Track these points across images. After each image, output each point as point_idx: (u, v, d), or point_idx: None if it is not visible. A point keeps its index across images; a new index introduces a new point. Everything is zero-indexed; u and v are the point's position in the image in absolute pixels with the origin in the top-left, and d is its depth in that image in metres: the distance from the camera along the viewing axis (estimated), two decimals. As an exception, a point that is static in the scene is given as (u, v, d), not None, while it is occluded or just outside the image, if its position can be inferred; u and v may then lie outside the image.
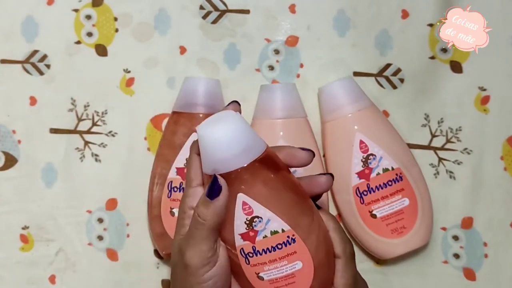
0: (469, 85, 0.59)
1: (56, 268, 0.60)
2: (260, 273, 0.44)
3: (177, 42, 0.60)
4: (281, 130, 0.55)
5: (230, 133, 0.41)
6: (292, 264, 0.44)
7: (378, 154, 0.54)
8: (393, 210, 0.54)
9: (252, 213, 0.43)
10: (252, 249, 0.43)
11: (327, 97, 0.56)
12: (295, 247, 0.44)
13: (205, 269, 0.43)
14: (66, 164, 0.60)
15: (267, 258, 0.44)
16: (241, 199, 0.42)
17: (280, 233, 0.43)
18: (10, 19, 0.60)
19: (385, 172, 0.54)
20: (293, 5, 0.60)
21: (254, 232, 0.43)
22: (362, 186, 0.54)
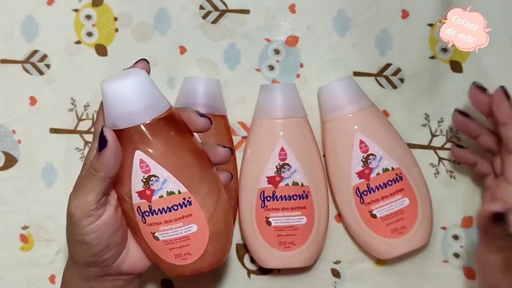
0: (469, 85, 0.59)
1: (56, 268, 0.60)
2: (156, 233, 0.45)
3: (177, 42, 0.60)
4: (281, 130, 0.55)
5: (132, 89, 0.42)
6: (187, 227, 0.45)
7: (378, 154, 0.54)
8: (393, 210, 0.54)
9: (149, 171, 0.43)
10: (148, 208, 0.44)
11: (327, 97, 0.56)
12: (191, 210, 0.44)
13: (88, 221, 0.44)
14: (66, 164, 0.60)
15: (162, 218, 0.44)
16: (139, 157, 0.43)
17: (177, 194, 0.44)
18: (10, 19, 0.60)
19: (385, 172, 0.54)
20: (293, 5, 0.60)
21: (150, 191, 0.44)
22: (362, 186, 0.54)
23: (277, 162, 0.54)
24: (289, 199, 0.54)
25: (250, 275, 0.60)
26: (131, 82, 0.42)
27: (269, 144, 0.54)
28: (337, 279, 0.60)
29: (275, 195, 0.54)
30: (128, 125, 0.42)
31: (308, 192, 0.54)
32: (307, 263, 0.56)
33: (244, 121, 0.60)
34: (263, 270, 0.60)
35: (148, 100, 0.42)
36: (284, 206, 0.54)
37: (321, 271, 0.60)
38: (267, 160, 0.54)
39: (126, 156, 0.43)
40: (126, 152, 0.43)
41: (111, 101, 0.42)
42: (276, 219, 0.54)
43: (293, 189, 0.54)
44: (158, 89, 0.44)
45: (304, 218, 0.54)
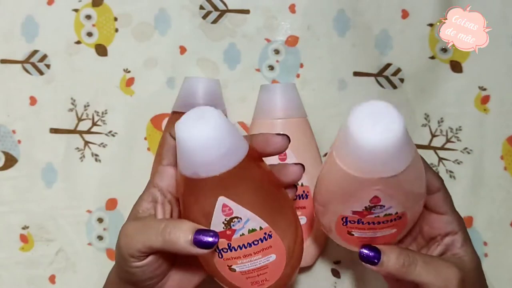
0: (469, 85, 0.59)
1: (56, 268, 0.60)
2: (233, 265, 0.44)
3: (177, 42, 0.60)
4: (281, 130, 0.54)
5: (214, 134, 0.38)
6: (266, 257, 0.44)
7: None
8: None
9: (231, 214, 0.42)
10: (227, 245, 0.43)
11: None
12: (271, 242, 0.43)
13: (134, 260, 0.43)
14: (66, 164, 0.60)
15: (241, 253, 0.43)
16: (222, 202, 0.41)
17: (258, 230, 0.43)
18: (10, 19, 0.60)
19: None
20: (293, 5, 0.60)
21: (231, 231, 0.43)
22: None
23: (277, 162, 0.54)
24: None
25: (250, 275, 0.60)
26: (211, 127, 0.38)
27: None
28: (337, 279, 0.60)
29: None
30: (212, 174, 0.39)
31: (308, 192, 0.54)
32: (307, 263, 0.56)
33: (244, 121, 0.60)
34: (263, 270, 0.59)
35: (229, 145, 0.39)
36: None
37: (321, 271, 0.60)
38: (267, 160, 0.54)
39: (207, 201, 0.41)
40: (207, 198, 0.41)
41: (191, 147, 0.38)
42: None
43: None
44: (236, 130, 0.41)
45: (304, 218, 0.54)
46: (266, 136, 0.43)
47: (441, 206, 0.46)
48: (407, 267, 0.44)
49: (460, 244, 0.45)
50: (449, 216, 0.46)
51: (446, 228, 0.46)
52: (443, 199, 0.46)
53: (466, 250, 0.45)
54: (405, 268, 0.44)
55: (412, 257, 0.44)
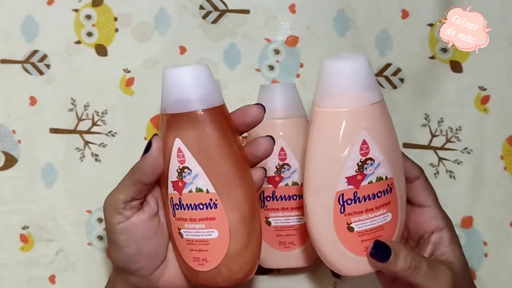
0: (469, 85, 0.59)
1: (56, 268, 0.60)
2: (181, 229, 0.45)
3: (177, 42, 0.60)
4: (281, 130, 0.54)
5: (190, 77, 0.43)
6: (208, 230, 0.44)
7: (377, 160, 0.44)
8: (373, 225, 0.45)
9: (184, 162, 0.43)
10: (178, 200, 0.44)
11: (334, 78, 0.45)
12: (215, 213, 0.43)
13: (117, 219, 0.44)
14: (66, 164, 0.60)
15: (188, 215, 0.44)
16: (177, 145, 0.43)
17: (204, 192, 0.43)
18: (10, 19, 0.60)
19: (378, 181, 0.44)
20: (293, 5, 0.60)
21: (182, 183, 0.43)
22: (348, 194, 0.45)
23: (276, 162, 0.54)
24: (288, 199, 0.54)
25: (250, 275, 0.60)
26: (190, 71, 0.43)
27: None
28: (337, 279, 0.60)
29: (275, 195, 0.54)
30: (175, 111, 0.43)
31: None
32: (307, 263, 0.56)
33: (244, 121, 0.60)
34: (263, 270, 0.60)
35: (202, 92, 0.43)
36: (284, 206, 0.54)
37: (321, 271, 0.60)
38: (267, 160, 0.54)
39: (169, 143, 0.44)
40: (169, 139, 0.44)
41: (167, 85, 0.44)
42: (276, 219, 0.54)
43: (293, 189, 0.54)
44: (215, 85, 0.44)
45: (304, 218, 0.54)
46: (243, 108, 0.45)
47: (423, 196, 0.45)
48: (412, 269, 0.44)
49: (448, 242, 0.45)
50: (433, 209, 0.46)
51: (431, 222, 0.45)
52: (424, 188, 0.45)
53: (454, 250, 0.45)
54: (411, 270, 0.44)
55: (418, 260, 0.44)
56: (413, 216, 0.47)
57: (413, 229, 0.47)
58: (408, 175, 0.45)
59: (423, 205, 0.46)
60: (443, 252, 0.45)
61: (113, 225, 0.44)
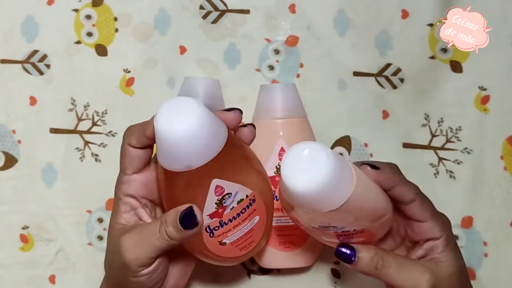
0: (469, 85, 0.59)
1: (56, 268, 0.60)
2: (223, 240, 0.45)
3: (177, 42, 0.60)
4: (281, 130, 0.55)
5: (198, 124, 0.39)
6: (252, 221, 0.46)
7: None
8: None
9: (223, 192, 0.43)
10: (219, 223, 0.44)
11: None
12: (255, 206, 0.45)
13: (143, 268, 0.43)
14: (66, 164, 0.60)
15: (231, 225, 0.45)
16: (215, 184, 0.42)
17: (245, 199, 0.44)
18: (10, 19, 0.60)
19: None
20: (293, 5, 0.60)
21: (223, 208, 0.44)
22: None
23: (277, 162, 0.54)
24: (289, 199, 0.54)
25: (250, 275, 0.60)
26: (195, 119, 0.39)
27: (269, 144, 0.54)
28: (337, 279, 0.60)
29: (275, 195, 0.54)
30: (203, 163, 0.40)
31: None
32: (307, 263, 0.56)
33: (244, 121, 0.60)
34: (263, 270, 0.60)
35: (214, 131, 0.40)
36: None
37: (321, 271, 0.60)
38: (267, 160, 0.54)
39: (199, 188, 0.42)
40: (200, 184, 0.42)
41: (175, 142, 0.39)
42: (276, 219, 0.54)
43: (293, 189, 0.54)
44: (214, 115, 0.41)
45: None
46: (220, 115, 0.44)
47: (419, 214, 0.46)
48: (380, 269, 0.45)
49: (441, 249, 0.45)
50: (429, 223, 0.46)
51: (427, 234, 0.46)
52: (419, 208, 0.46)
53: (446, 256, 0.45)
54: (378, 270, 0.45)
55: (386, 259, 0.45)
56: (410, 226, 0.47)
57: (410, 235, 0.47)
58: (404, 199, 0.46)
59: (420, 220, 0.46)
60: (434, 257, 0.46)
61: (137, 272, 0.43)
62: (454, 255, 0.46)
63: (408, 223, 0.47)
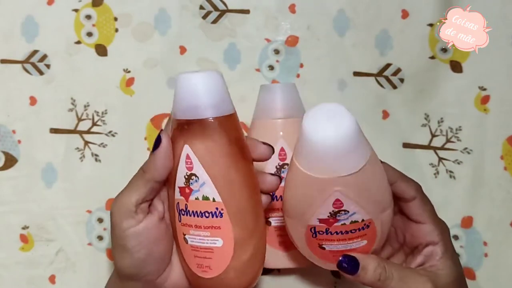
0: (469, 85, 0.60)
1: (56, 268, 0.60)
2: (186, 235, 0.45)
3: (177, 42, 0.60)
4: (281, 130, 0.54)
5: (202, 85, 0.42)
6: (213, 239, 0.44)
7: (351, 210, 0.43)
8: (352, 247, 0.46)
9: (191, 169, 0.43)
10: (184, 206, 0.44)
11: None
12: (220, 223, 0.43)
13: (128, 223, 0.43)
14: (66, 164, 0.60)
15: (193, 222, 0.44)
16: (186, 152, 0.43)
17: (210, 201, 0.43)
18: (10, 19, 0.60)
19: (353, 223, 0.44)
20: (293, 5, 0.60)
21: (189, 189, 0.43)
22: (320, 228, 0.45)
23: (277, 162, 0.54)
24: (289, 199, 0.54)
25: (250, 275, 0.60)
26: (204, 78, 0.42)
27: (269, 144, 0.54)
28: (337, 279, 0.60)
29: (275, 195, 0.54)
30: (185, 117, 0.42)
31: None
32: (307, 263, 0.56)
33: (244, 121, 0.60)
34: (263, 270, 0.59)
35: (213, 99, 0.42)
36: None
37: (321, 271, 0.59)
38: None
39: (178, 149, 0.43)
40: (178, 145, 0.43)
41: (180, 91, 0.42)
42: (276, 219, 0.54)
43: (293, 189, 0.54)
44: (227, 92, 0.43)
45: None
46: (254, 142, 0.44)
47: (418, 214, 0.46)
48: (382, 281, 0.44)
49: (439, 256, 0.45)
50: (428, 226, 0.46)
51: (425, 237, 0.46)
52: (419, 207, 0.46)
53: (445, 263, 0.45)
54: (381, 282, 0.44)
55: (388, 271, 0.45)
56: (409, 229, 0.47)
57: (409, 240, 0.48)
58: (404, 196, 0.46)
59: (419, 222, 0.46)
60: (432, 264, 0.46)
61: (124, 230, 0.43)
62: (452, 262, 0.46)
63: (407, 227, 0.47)
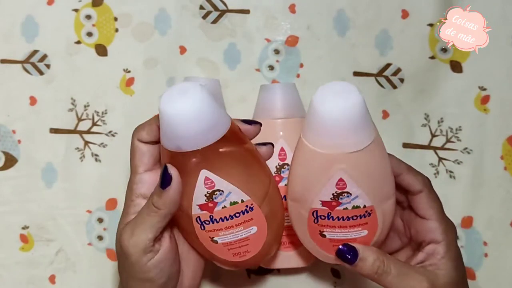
0: (469, 85, 0.60)
1: (56, 268, 0.60)
2: (215, 237, 0.45)
3: (177, 42, 0.60)
4: (281, 130, 0.55)
5: (196, 109, 0.40)
6: (248, 229, 0.45)
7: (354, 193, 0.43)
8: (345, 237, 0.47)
9: (213, 187, 0.43)
10: (209, 217, 0.44)
11: None
12: (252, 215, 0.45)
13: (147, 257, 0.43)
14: (66, 164, 0.60)
15: (223, 225, 0.45)
16: (204, 175, 0.42)
17: (240, 203, 0.44)
18: (10, 19, 0.60)
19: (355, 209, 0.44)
20: (293, 5, 0.60)
21: (213, 203, 0.44)
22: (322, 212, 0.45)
23: (276, 162, 0.54)
24: (289, 199, 0.54)
25: (250, 275, 0.60)
26: (193, 103, 0.40)
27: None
28: (337, 279, 0.60)
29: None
30: (194, 148, 0.41)
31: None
32: (307, 263, 0.56)
33: (244, 121, 0.60)
34: (263, 270, 0.60)
35: (212, 120, 0.41)
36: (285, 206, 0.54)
37: (321, 271, 0.60)
38: (267, 160, 0.54)
39: (189, 175, 0.42)
40: (188, 172, 0.42)
41: (174, 121, 0.40)
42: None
43: (293, 189, 0.54)
44: (218, 106, 0.41)
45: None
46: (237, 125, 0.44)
47: (424, 209, 0.46)
48: (379, 275, 0.44)
49: (441, 255, 0.45)
50: (433, 222, 0.46)
51: (428, 234, 0.46)
52: (426, 202, 0.45)
53: (446, 264, 0.45)
54: (378, 275, 0.45)
55: (387, 265, 0.45)
56: (414, 224, 0.47)
57: (414, 235, 0.47)
58: (411, 189, 0.46)
59: (423, 217, 0.46)
60: (432, 263, 0.45)
61: (145, 264, 0.43)
62: (454, 264, 0.45)
63: (413, 222, 0.47)
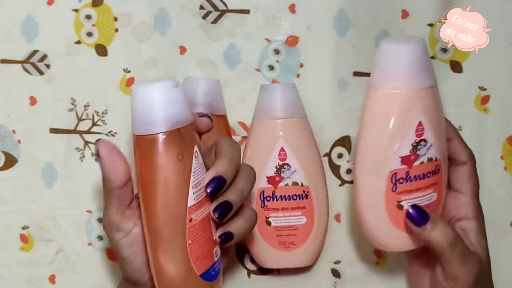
0: (469, 85, 0.60)
1: (56, 268, 0.60)
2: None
3: (177, 42, 0.60)
4: (281, 130, 0.55)
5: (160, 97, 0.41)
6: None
7: (429, 141, 0.46)
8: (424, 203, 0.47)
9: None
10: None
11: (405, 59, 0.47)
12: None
13: (118, 235, 0.44)
14: (66, 164, 0.60)
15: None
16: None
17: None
18: (10, 19, 0.60)
19: (429, 162, 0.46)
20: (293, 5, 0.60)
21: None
22: (401, 173, 0.46)
23: (277, 162, 0.54)
24: (289, 199, 0.54)
25: (250, 275, 0.60)
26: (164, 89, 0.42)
27: (269, 144, 0.55)
28: (337, 279, 0.60)
29: (275, 195, 0.54)
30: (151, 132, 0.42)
31: (308, 192, 0.54)
32: (307, 263, 0.56)
33: (244, 121, 0.60)
34: (263, 270, 0.60)
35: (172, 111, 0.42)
36: (284, 206, 0.54)
37: (321, 271, 0.60)
38: (267, 160, 0.54)
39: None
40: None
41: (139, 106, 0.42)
42: (276, 219, 0.54)
43: (293, 189, 0.54)
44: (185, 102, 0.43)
45: (304, 218, 0.54)
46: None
47: (463, 183, 0.46)
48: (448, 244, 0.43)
49: (475, 232, 0.45)
50: (466, 198, 0.45)
51: (461, 209, 0.45)
52: (466, 175, 0.46)
53: (481, 242, 0.45)
54: (446, 244, 0.43)
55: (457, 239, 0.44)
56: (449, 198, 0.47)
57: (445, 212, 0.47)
58: (456, 157, 0.46)
59: (459, 190, 0.46)
60: (470, 242, 0.45)
61: (117, 242, 0.44)
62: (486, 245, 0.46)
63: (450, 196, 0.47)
